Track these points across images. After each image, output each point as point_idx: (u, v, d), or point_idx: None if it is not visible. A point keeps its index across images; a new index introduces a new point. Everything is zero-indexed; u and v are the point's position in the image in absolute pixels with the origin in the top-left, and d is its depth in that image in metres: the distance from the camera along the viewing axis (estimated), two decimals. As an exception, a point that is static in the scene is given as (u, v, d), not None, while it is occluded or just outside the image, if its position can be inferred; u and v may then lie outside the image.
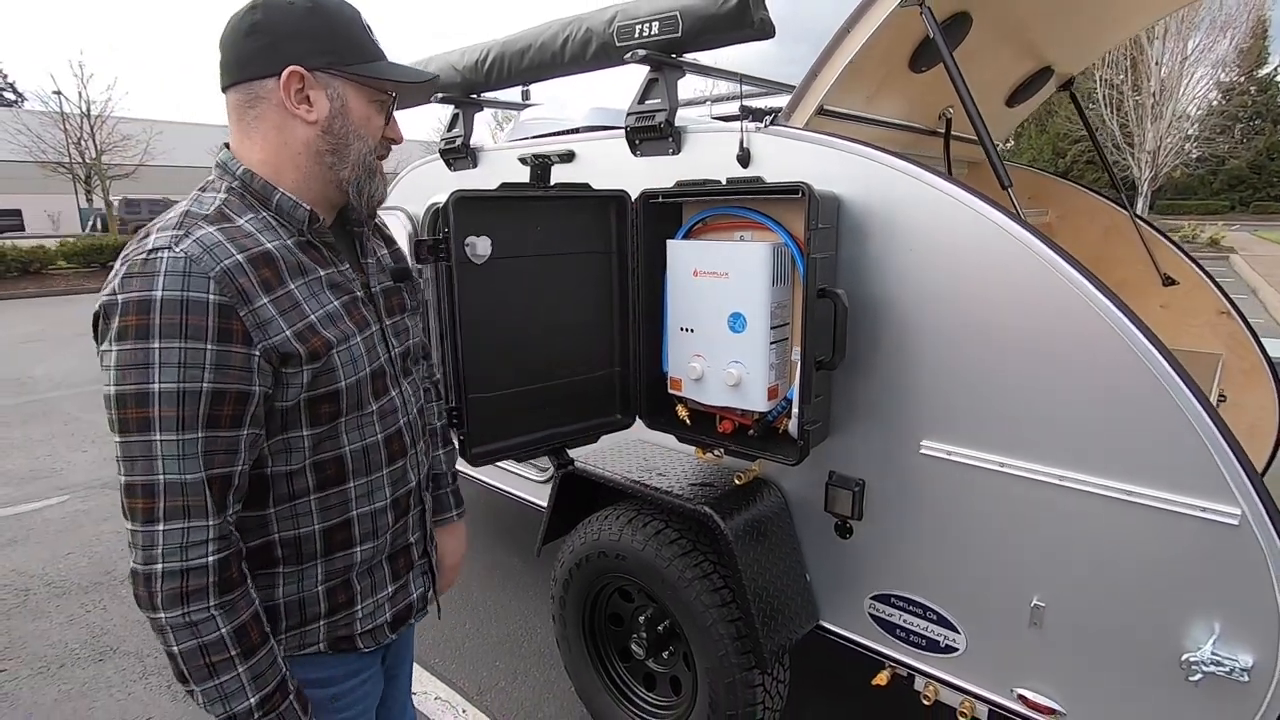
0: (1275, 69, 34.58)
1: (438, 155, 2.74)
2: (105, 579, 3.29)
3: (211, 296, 0.84)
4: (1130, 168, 21.13)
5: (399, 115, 1.11)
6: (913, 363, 1.60)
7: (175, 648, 0.86)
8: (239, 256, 0.89)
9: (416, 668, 2.63)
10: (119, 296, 0.83)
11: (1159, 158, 20.50)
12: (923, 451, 1.61)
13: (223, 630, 0.87)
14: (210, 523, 0.86)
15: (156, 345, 0.82)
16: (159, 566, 0.84)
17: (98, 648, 2.78)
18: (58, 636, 2.85)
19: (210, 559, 0.86)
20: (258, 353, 0.88)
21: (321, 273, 0.99)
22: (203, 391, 0.84)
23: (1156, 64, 19.51)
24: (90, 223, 28.15)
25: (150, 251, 0.85)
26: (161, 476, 0.84)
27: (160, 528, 0.84)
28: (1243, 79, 26.46)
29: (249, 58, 0.94)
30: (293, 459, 0.97)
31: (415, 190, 2.92)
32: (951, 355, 1.54)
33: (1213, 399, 2.22)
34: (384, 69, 1.01)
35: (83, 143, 23.48)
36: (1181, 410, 1.28)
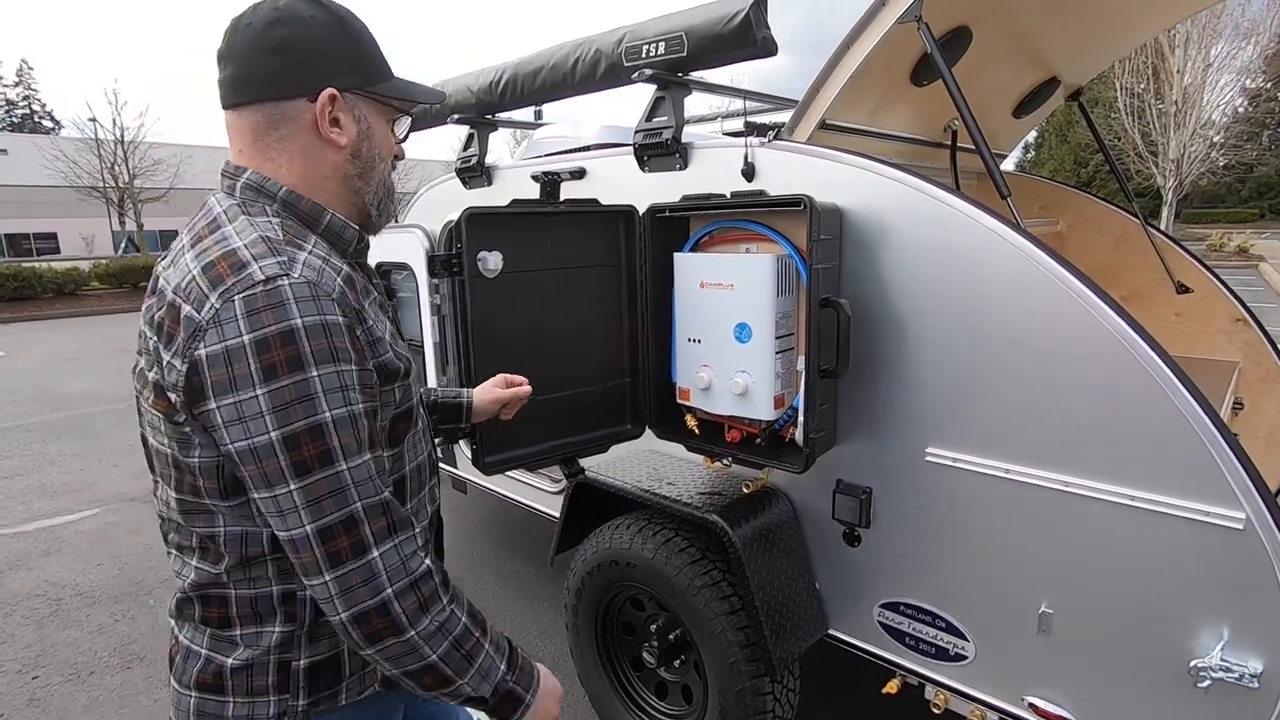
0: (1303, 74, 33.89)
1: (454, 174, 2.83)
2: (134, 589, 3.38)
3: (340, 319, 0.82)
4: (1154, 176, 20.83)
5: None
6: (917, 370, 1.62)
7: (433, 656, 0.84)
8: (339, 278, 0.86)
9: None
10: (248, 337, 0.76)
11: (1183, 166, 20.18)
12: (928, 459, 1.63)
13: (463, 619, 0.87)
14: (415, 530, 0.86)
15: (315, 374, 0.78)
16: (389, 591, 0.81)
17: (125, 655, 2.85)
18: (87, 645, 2.94)
19: (427, 561, 0.85)
20: (372, 368, 0.87)
21: (374, 293, 0.98)
22: (361, 412, 0.83)
23: (1178, 72, 19.26)
24: (123, 245, 29.01)
25: (270, 280, 0.79)
26: (359, 504, 0.80)
27: (375, 554, 0.81)
28: (1269, 85, 26.01)
29: (276, 76, 0.89)
30: None
31: (432, 208, 3.00)
32: (955, 362, 1.56)
33: (1228, 406, 2.20)
34: (405, 89, 0.99)
35: (116, 167, 24.27)
36: (1184, 414, 1.28)
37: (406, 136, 1.04)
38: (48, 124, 50.09)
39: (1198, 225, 30.52)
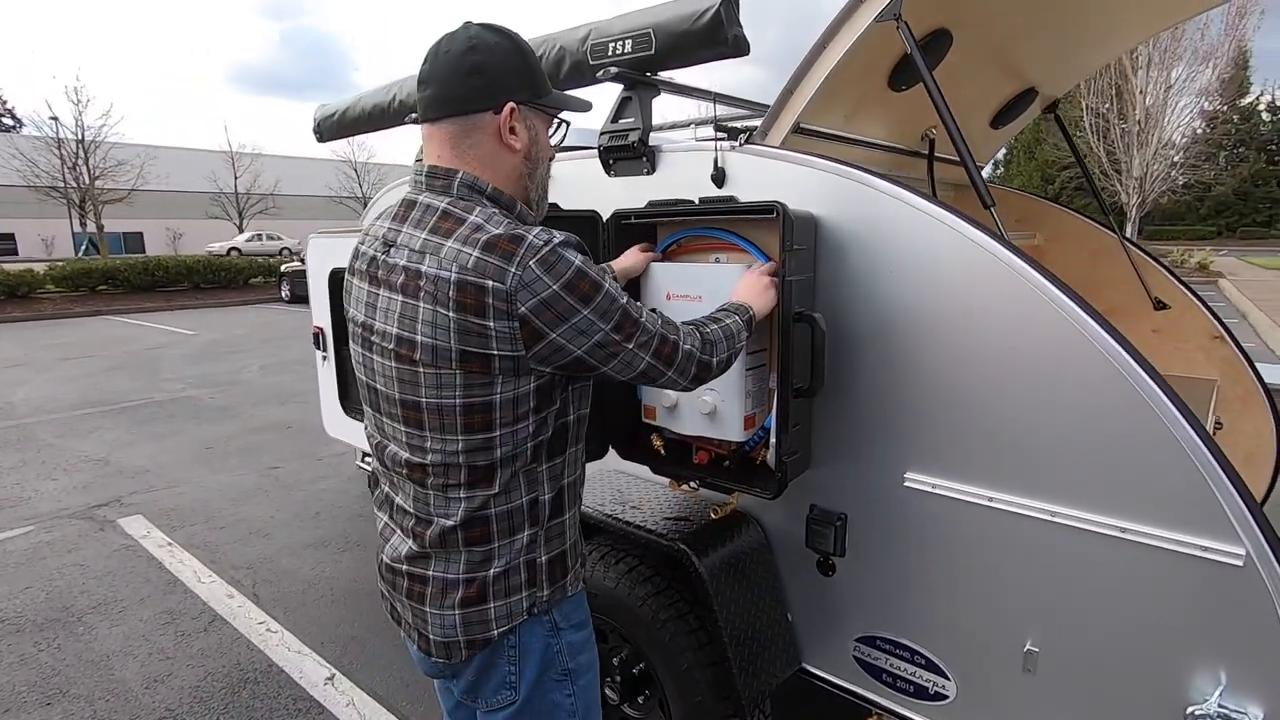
0: (1257, 98, 35.33)
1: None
2: (62, 615, 3.15)
3: (588, 256, 1.10)
4: (1118, 194, 21.35)
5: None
6: (895, 390, 1.52)
7: (728, 353, 1.27)
8: None
9: (386, 712, 2.50)
10: (556, 285, 1.02)
11: (1146, 184, 20.73)
12: (907, 484, 1.52)
13: (719, 329, 1.27)
14: (681, 323, 1.23)
15: (606, 285, 1.07)
16: (700, 356, 1.20)
17: (46, 690, 2.63)
18: (5, 678, 2.70)
19: (694, 333, 1.23)
20: None
21: None
22: (628, 295, 1.14)
23: (1141, 93, 19.82)
24: (83, 247, 28.16)
25: (546, 243, 1.03)
26: (660, 332, 1.15)
27: (684, 346, 1.18)
28: (1226, 108, 26.87)
29: (471, 94, 1.08)
30: (582, 405, 1.21)
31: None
32: (935, 382, 1.47)
33: (1210, 426, 2.15)
34: (561, 100, 1.18)
35: (77, 167, 23.54)
36: (1178, 441, 1.19)
37: (563, 139, 1.25)
38: (8, 122, 48.59)
39: (1159, 242, 31.43)
